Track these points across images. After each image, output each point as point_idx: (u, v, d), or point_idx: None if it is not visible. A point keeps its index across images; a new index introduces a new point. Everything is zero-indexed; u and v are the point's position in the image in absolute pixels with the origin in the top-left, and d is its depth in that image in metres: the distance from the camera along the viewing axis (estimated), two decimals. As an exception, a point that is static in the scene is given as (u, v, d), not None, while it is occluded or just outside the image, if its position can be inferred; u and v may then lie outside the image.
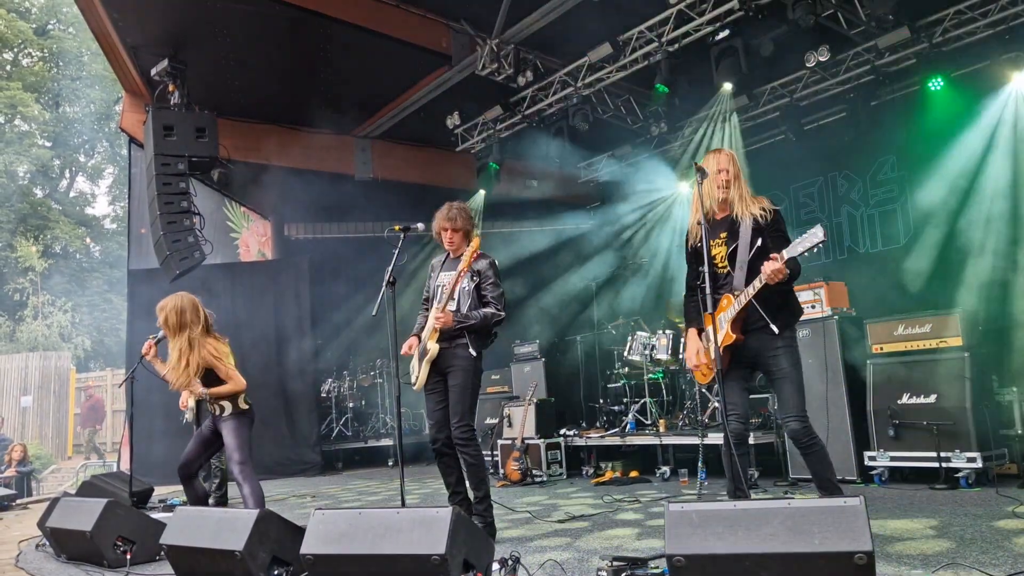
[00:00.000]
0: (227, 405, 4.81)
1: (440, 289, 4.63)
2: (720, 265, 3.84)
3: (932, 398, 5.55)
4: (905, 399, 5.68)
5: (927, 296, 7.27)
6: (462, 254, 4.62)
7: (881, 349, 5.96)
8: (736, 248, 3.77)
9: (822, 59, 7.54)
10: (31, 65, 28.55)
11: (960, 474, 5.32)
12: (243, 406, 4.87)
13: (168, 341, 4.93)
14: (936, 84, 7.90)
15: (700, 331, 4.03)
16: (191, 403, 6.75)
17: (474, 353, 4.49)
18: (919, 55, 7.74)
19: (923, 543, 3.72)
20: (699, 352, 4.00)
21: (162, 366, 5.09)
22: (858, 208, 9.15)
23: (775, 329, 3.69)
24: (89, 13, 8.22)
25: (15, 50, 28.13)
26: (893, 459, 5.69)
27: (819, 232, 3.44)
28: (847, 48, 8.02)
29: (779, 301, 3.74)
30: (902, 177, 8.76)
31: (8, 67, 27.80)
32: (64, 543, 4.79)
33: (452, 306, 4.53)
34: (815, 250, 3.50)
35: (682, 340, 6.01)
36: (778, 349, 3.72)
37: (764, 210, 3.78)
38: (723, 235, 3.82)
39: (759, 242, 3.73)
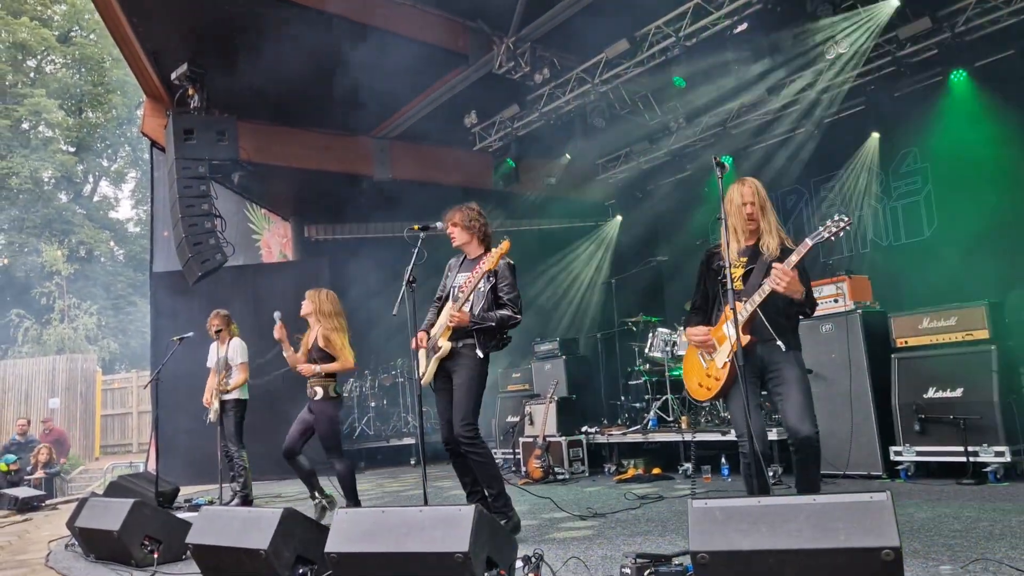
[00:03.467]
0: (319, 390, 5.52)
1: (456, 289, 4.63)
2: (735, 284, 3.67)
3: (959, 392, 5.48)
4: (931, 393, 5.61)
5: (952, 289, 7.17)
6: (478, 256, 4.63)
7: (906, 343, 5.89)
8: (752, 270, 3.67)
9: (842, 51, 7.48)
10: (54, 72, 28.94)
11: (988, 468, 5.25)
12: (332, 395, 5.58)
13: (311, 324, 5.75)
14: (959, 75, 7.86)
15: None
16: (215, 404, 6.83)
17: (481, 354, 4.45)
18: (941, 45, 7.65)
19: (951, 538, 3.68)
20: (701, 368, 3.82)
21: (290, 350, 5.72)
22: (880, 201, 9.04)
23: (781, 346, 3.58)
24: (110, 20, 8.31)
25: (39, 57, 28.53)
26: (919, 454, 5.62)
27: (844, 216, 3.37)
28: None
29: (785, 324, 3.63)
30: (924, 169, 8.64)
31: (32, 74, 28.20)
32: (92, 543, 4.86)
33: (467, 307, 4.51)
34: (840, 235, 3.39)
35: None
36: (787, 357, 3.60)
37: (785, 245, 3.67)
38: (743, 259, 3.71)
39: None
